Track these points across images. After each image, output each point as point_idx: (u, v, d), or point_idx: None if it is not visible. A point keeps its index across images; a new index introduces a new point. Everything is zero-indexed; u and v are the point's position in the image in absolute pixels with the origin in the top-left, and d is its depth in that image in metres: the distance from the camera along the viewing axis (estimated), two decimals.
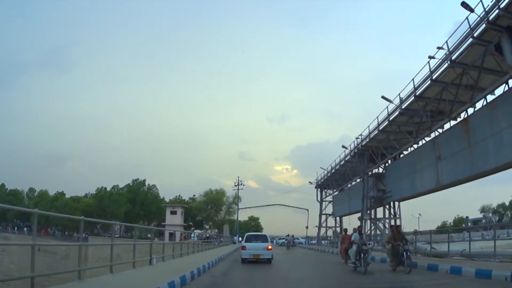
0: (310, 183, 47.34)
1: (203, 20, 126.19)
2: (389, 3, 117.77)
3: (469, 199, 76.52)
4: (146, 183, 74.99)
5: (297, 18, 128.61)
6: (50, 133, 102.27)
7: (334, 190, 44.76)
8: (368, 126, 29.78)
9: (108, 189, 72.25)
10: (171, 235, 46.27)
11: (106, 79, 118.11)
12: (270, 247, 16.91)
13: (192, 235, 42.83)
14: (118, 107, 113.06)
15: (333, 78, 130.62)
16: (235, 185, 62.36)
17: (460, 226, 59.34)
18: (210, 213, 71.91)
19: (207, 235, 42.33)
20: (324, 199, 47.01)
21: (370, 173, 31.25)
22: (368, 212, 30.15)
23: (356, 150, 31.27)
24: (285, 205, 67.91)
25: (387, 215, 30.83)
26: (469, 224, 55.39)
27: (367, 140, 29.75)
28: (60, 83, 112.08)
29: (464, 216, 64.02)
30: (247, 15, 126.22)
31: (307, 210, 56.33)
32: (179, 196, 78.33)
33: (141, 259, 11.98)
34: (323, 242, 43.18)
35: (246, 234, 19.08)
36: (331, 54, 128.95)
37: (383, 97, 22.78)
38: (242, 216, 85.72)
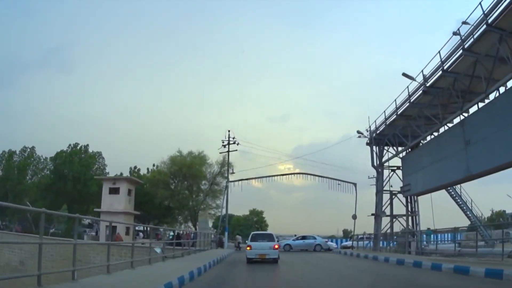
0: (360, 133, 30.77)
1: (203, 20, 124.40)
2: (390, 3, 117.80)
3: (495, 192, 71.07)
4: (91, 151, 46.87)
5: (298, 18, 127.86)
6: (50, 133, 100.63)
7: (403, 148, 27.65)
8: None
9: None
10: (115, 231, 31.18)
11: (107, 79, 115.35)
12: (276, 246, 17.29)
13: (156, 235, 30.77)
14: (119, 107, 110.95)
15: (334, 78, 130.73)
16: (223, 145, 34.77)
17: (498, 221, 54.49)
18: (179, 193, 40.72)
19: (178, 233, 30.37)
20: (385, 164, 29.32)
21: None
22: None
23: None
24: (310, 174, 38.13)
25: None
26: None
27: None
28: (61, 83, 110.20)
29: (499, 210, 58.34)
30: (247, 15, 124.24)
31: (355, 184, 35.72)
32: (136, 168, 46.90)
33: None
34: (390, 243, 28.18)
35: (252, 233, 19.39)
36: (332, 53, 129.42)
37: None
38: (241, 209, 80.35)
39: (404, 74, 20.85)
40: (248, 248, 17.52)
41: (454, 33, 17.09)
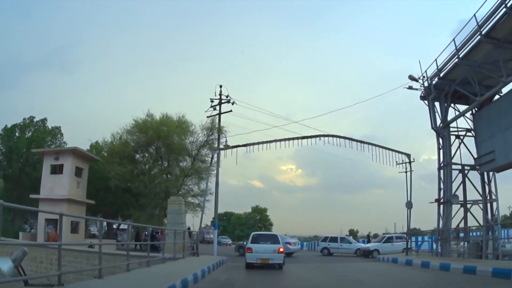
0: (413, 79, 21.20)
1: (205, 20, 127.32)
2: (392, 3, 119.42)
3: None
4: (48, 126, 35.42)
5: (300, 18, 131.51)
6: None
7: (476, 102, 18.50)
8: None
9: None
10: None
11: (108, 79, 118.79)
12: (281, 249, 15.54)
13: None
14: (120, 106, 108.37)
15: (337, 78, 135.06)
16: (212, 106, 23.98)
17: None
18: (144, 171, 27.67)
19: (153, 233, 24.41)
20: (451, 128, 20.46)
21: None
22: None
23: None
24: (340, 137, 25.53)
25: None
26: None
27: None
28: (63, 83, 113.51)
29: None
30: (249, 15, 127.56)
31: (408, 155, 25.15)
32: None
33: None
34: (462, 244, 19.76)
35: (252, 233, 17.44)
36: (334, 53, 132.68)
37: None
38: (242, 207, 74.23)
39: None
40: (248, 251, 15.62)
41: None
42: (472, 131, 20.27)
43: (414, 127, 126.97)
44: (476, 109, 19.75)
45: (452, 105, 20.88)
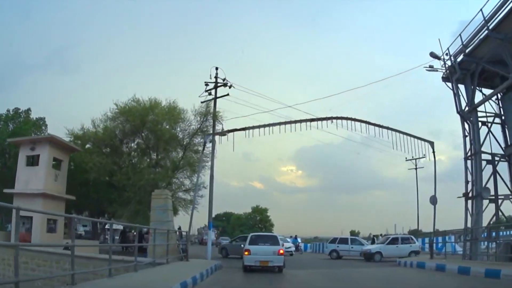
0: (435, 57, 18.83)
1: (206, 20, 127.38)
2: (393, 3, 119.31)
3: None
4: (32, 117, 31.87)
5: (300, 18, 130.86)
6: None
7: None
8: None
9: None
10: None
11: (108, 79, 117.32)
12: (281, 251, 14.99)
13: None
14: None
15: (337, 78, 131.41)
16: (207, 91, 21.14)
17: None
18: (126, 162, 23.87)
19: (141, 232, 23.43)
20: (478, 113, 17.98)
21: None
22: None
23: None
24: (355, 120, 22.22)
25: None
26: None
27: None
28: (63, 83, 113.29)
29: None
30: (249, 14, 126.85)
31: (431, 143, 22.96)
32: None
33: None
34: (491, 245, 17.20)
35: (251, 234, 16.65)
36: (334, 54, 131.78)
37: None
38: (243, 208, 71.43)
39: None
40: (246, 253, 15.02)
41: None
42: (501, 117, 17.84)
43: (414, 129, 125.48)
44: (505, 90, 17.36)
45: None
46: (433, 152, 22.04)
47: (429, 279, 12.44)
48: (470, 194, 16.63)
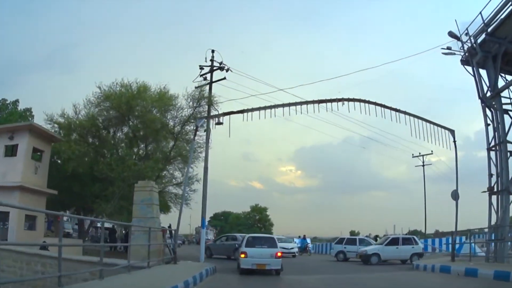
0: (454, 36, 17.17)
1: (206, 20, 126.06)
2: (393, 3, 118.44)
3: None
4: (19, 108, 31.71)
5: (301, 18, 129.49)
6: None
7: None
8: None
9: None
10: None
11: (108, 79, 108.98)
12: (279, 254, 14.75)
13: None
14: None
15: (336, 78, 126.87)
16: (202, 75, 18.79)
17: None
18: (110, 151, 22.64)
19: (127, 232, 21.65)
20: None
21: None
22: None
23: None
24: (369, 102, 20.06)
25: None
26: None
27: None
28: (63, 83, 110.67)
29: None
30: (249, 14, 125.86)
31: (452, 131, 21.23)
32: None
33: None
34: None
35: (247, 236, 16.20)
36: (334, 53, 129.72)
37: None
38: (242, 208, 69.92)
39: None
40: (242, 255, 14.55)
41: None
42: None
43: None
44: None
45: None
46: (454, 141, 20.20)
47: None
48: (495, 189, 14.85)
